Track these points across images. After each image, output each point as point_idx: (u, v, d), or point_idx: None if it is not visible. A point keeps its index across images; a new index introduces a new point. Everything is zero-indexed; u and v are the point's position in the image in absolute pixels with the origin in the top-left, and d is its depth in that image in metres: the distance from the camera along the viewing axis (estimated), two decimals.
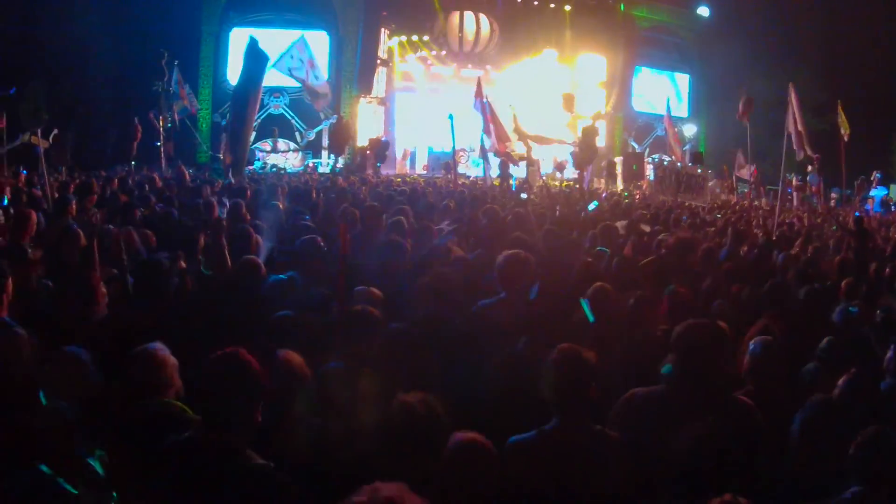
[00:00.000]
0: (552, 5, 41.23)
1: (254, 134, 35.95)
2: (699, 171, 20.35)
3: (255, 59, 19.23)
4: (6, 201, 10.93)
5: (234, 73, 36.51)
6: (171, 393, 4.43)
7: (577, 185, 23.91)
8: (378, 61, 39.18)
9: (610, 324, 5.95)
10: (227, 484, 3.61)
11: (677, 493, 3.80)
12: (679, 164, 28.65)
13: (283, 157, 36.61)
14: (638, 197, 21.16)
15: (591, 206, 16.18)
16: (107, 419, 4.28)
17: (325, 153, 37.44)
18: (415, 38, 40.27)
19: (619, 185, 34.22)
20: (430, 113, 40.39)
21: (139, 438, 4.06)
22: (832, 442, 4.15)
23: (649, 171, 33.45)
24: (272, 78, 36.99)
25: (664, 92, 45.15)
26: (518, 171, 29.49)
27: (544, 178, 34.33)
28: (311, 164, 35.75)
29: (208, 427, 3.80)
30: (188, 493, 3.64)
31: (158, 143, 27.71)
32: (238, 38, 36.66)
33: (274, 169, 33.22)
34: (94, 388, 4.51)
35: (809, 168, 28.90)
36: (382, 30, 39.12)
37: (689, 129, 42.39)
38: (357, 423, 4.25)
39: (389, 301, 6.12)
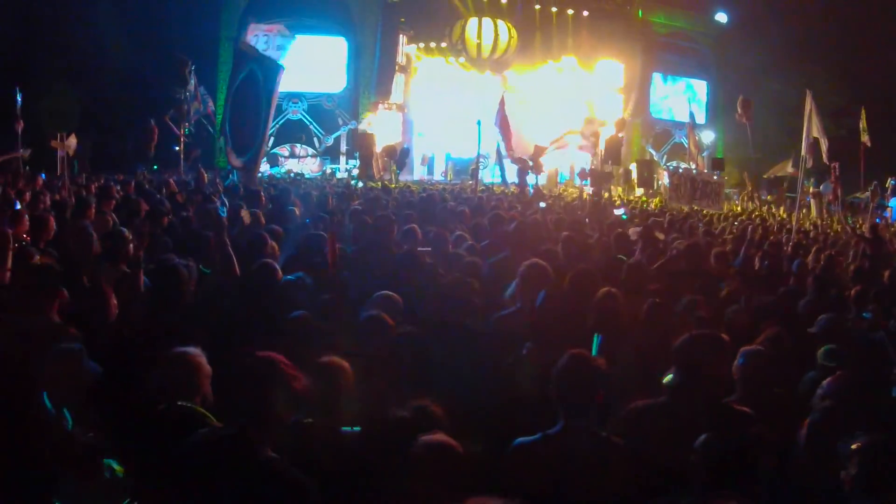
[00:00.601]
0: (570, 11, 41.25)
1: (272, 139, 36.32)
2: (715, 177, 20.25)
3: (263, 64, 19.23)
4: (18, 205, 11.00)
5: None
6: (198, 399, 4.44)
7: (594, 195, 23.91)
8: (396, 67, 39.28)
9: (620, 330, 5.96)
10: (244, 481, 3.65)
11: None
12: (695, 170, 28.53)
13: (300, 163, 36.77)
14: (653, 206, 21.10)
15: (621, 214, 16.20)
16: (125, 419, 4.35)
17: (342, 158, 37.55)
18: (433, 44, 40.37)
19: (639, 192, 34.12)
20: (448, 119, 40.47)
21: (156, 439, 4.11)
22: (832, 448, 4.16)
23: (664, 178, 33.31)
24: (291, 83, 37.31)
25: (682, 98, 45.13)
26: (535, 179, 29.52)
27: (562, 185, 34.48)
28: (328, 170, 35.86)
29: (233, 426, 3.87)
30: (206, 490, 3.68)
31: (177, 148, 27.89)
32: (257, 44, 36.86)
33: (291, 175, 33.33)
34: (90, 381, 4.60)
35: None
36: (401, 36, 39.24)
37: (707, 136, 42.24)
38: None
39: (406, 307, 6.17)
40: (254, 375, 3.90)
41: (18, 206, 10.49)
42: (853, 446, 3.94)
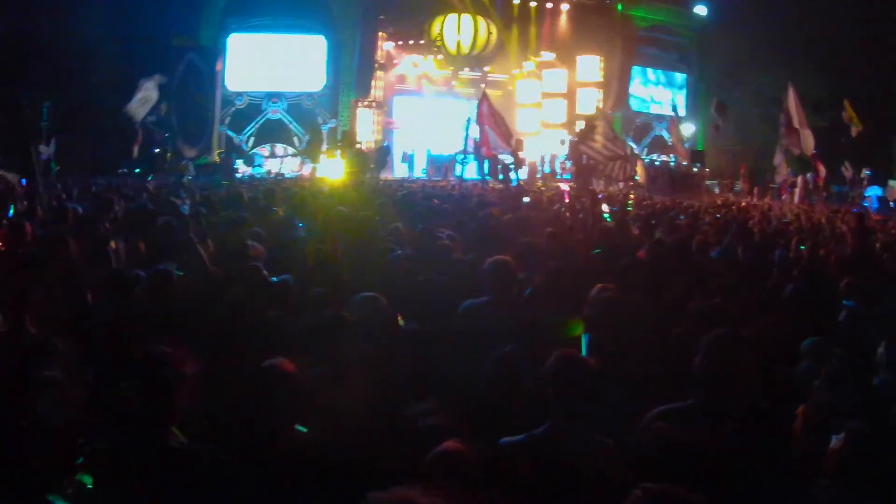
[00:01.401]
0: (549, 5, 41.30)
1: (252, 140, 36.28)
2: (695, 169, 20.30)
3: (202, 52, 19.27)
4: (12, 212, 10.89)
5: (231, 78, 36.64)
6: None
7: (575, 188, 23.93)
8: (375, 65, 39.19)
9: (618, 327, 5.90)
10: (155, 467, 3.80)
11: None
12: (672, 162, 28.61)
13: (281, 163, 36.63)
14: (632, 197, 21.10)
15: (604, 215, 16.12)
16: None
17: (322, 157, 37.43)
18: (412, 42, 40.30)
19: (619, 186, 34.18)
20: (428, 116, 40.46)
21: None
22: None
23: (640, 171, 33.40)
24: (270, 82, 37.26)
25: (662, 92, 45.28)
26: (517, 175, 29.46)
27: (540, 180, 34.52)
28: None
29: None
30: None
31: (157, 150, 27.82)
32: (236, 44, 36.75)
33: (272, 175, 33.19)
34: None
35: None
36: (380, 34, 39.13)
37: (688, 129, 42.37)
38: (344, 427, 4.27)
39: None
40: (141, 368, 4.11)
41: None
42: (839, 431, 3.99)
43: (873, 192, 34.41)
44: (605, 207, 16.67)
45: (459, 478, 3.53)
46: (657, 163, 30.37)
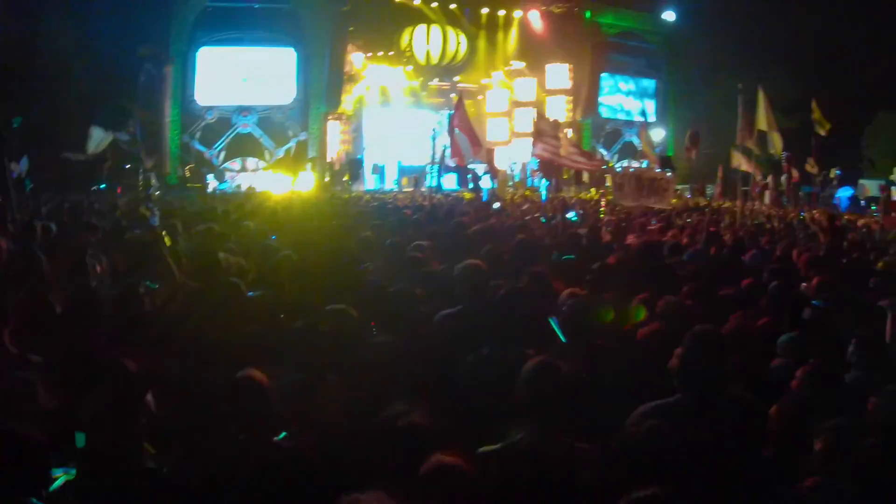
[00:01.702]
0: (518, 14, 41.47)
1: (222, 154, 36.19)
2: (668, 174, 20.41)
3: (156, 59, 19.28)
4: None
5: (201, 92, 36.47)
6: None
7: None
8: (346, 77, 39.13)
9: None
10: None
11: None
12: (633, 168, 28.76)
13: (252, 177, 36.43)
14: (603, 204, 21.18)
15: (571, 216, 16.19)
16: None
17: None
18: (381, 53, 40.30)
19: (591, 192, 34.30)
20: (398, 127, 40.47)
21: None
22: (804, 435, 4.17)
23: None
24: (241, 96, 37.12)
25: (632, 98, 45.56)
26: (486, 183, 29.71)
27: (511, 189, 34.65)
28: None
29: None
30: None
31: (128, 166, 27.65)
32: (205, 57, 36.58)
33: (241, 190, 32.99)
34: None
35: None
36: (349, 45, 39.08)
37: (658, 134, 42.63)
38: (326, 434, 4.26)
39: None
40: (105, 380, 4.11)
41: None
42: (819, 429, 4.01)
43: (845, 192, 34.67)
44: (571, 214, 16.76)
45: (457, 492, 3.52)
46: (631, 169, 30.44)
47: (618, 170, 30.38)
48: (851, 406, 4.69)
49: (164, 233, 8.84)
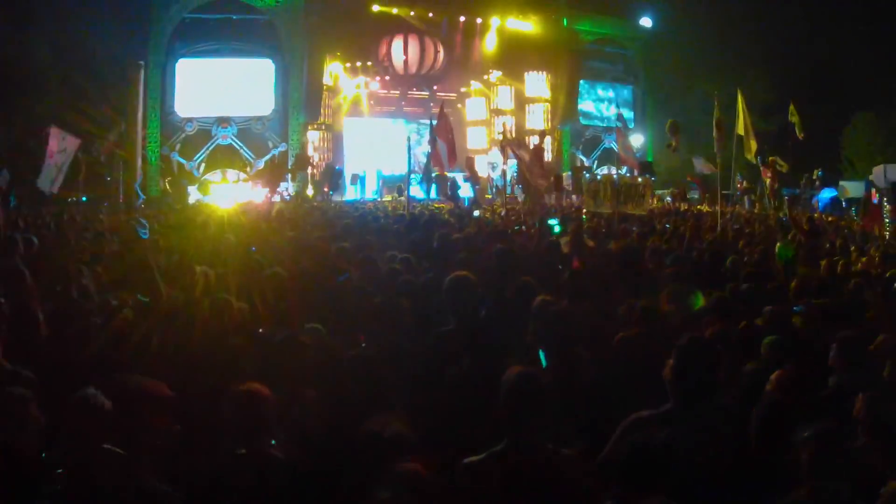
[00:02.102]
0: (495, 23, 41.54)
1: (202, 166, 36.05)
2: (640, 180, 20.45)
3: None
4: None
5: (181, 104, 36.36)
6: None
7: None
8: (324, 88, 39.13)
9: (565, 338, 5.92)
10: None
11: None
12: (616, 175, 28.83)
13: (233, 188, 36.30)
14: (586, 211, 21.23)
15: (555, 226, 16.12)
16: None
17: None
18: (359, 63, 40.35)
19: (573, 199, 34.37)
20: (377, 137, 40.53)
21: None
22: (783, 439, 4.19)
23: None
24: (220, 107, 37.03)
25: (610, 104, 45.72)
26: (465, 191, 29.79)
27: (492, 194, 34.70)
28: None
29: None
30: None
31: (109, 178, 27.52)
32: (184, 69, 36.50)
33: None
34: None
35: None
36: (327, 56, 39.09)
37: (636, 140, 42.76)
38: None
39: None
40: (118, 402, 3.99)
41: None
42: (804, 434, 4.03)
43: (828, 193, 34.85)
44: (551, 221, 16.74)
45: (418, 497, 3.51)
46: (598, 177, 30.52)
47: (598, 177, 30.53)
48: (831, 409, 4.73)
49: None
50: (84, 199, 26.95)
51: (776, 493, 4.02)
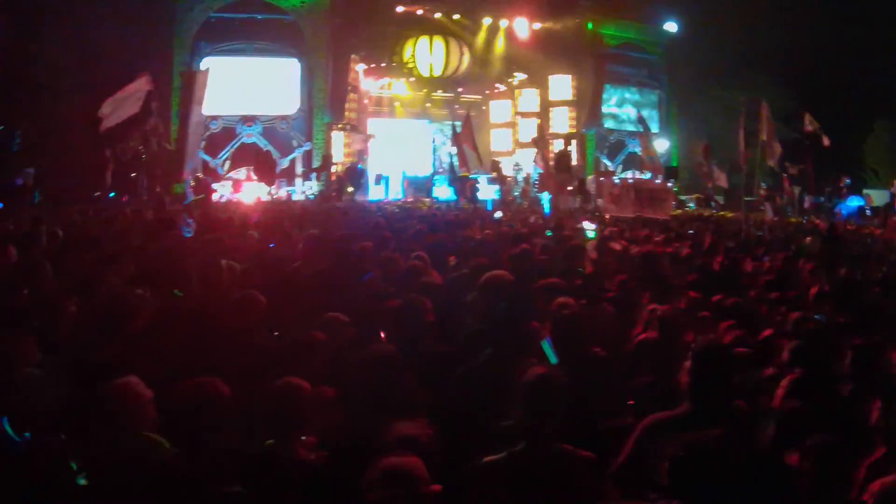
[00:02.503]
0: (519, 25, 41.46)
1: (227, 164, 36.18)
2: (669, 185, 20.42)
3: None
4: None
5: (206, 102, 36.43)
6: (147, 426, 4.32)
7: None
8: (349, 88, 39.24)
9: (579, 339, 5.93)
10: None
11: None
12: (632, 179, 28.80)
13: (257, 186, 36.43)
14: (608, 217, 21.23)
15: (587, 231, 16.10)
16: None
17: (298, 181, 37.38)
18: (384, 64, 40.46)
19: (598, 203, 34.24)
20: (402, 138, 40.60)
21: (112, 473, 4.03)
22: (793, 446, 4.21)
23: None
24: (245, 106, 37.20)
25: (634, 109, 45.59)
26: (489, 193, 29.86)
27: (516, 196, 34.72)
28: (287, 192, 35.62)
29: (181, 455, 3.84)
30: None
31: (134, 175, 27.73)
32: (210, 68, 36.58)
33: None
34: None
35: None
36: (352, 57, 39.18)
37: (661, 145, 42.60)
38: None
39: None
40: (184, 402, 4.01)
41: None
42: (807, 444, 4.01)
43: (856, 202, 34.57)
44: (587, 225, 16.72)
45: (409, 493, 3.53)
46: (617, 181, 30.45)
47: (616, 181, 30.56)
48: (842, 416, 4.75)
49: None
50: (112, 195, 27.22)
51: (787, 500, 4.05)
